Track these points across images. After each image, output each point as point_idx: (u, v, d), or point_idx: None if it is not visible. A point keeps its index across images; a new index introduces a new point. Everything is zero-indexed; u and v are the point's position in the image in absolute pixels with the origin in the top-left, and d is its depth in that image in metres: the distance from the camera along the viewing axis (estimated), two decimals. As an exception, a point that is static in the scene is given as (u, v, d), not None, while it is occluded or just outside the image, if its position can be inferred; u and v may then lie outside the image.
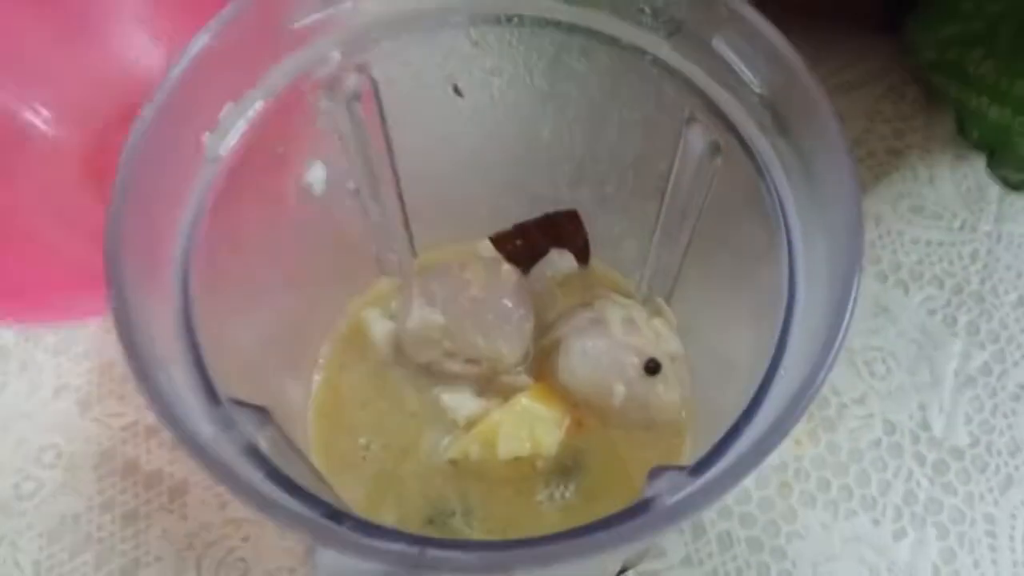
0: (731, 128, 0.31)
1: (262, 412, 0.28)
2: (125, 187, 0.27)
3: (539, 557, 0.23)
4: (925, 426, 0.46)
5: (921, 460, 0.45)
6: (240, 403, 0.28)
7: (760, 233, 0.31)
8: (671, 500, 0.25)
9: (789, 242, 0.29)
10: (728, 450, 0.26)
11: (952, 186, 0.54)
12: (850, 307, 0.25)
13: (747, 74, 0.30)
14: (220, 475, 0.23)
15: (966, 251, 0.52)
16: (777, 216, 0.30)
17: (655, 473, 0.28)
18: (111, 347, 0.47)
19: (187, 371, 0.27)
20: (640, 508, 0.25)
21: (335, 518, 0.25)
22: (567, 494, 0.40)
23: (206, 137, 0.30)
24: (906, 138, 0.56)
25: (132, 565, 0.42)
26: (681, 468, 0.27)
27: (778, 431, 0.25)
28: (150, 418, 0.45)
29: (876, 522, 0.43)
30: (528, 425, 0.40)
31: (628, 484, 0.40)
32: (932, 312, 0.50)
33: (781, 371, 0.27)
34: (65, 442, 0.45)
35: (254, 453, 0.26)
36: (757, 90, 0.30)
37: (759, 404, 0.27)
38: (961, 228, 0.53)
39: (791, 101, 0.29)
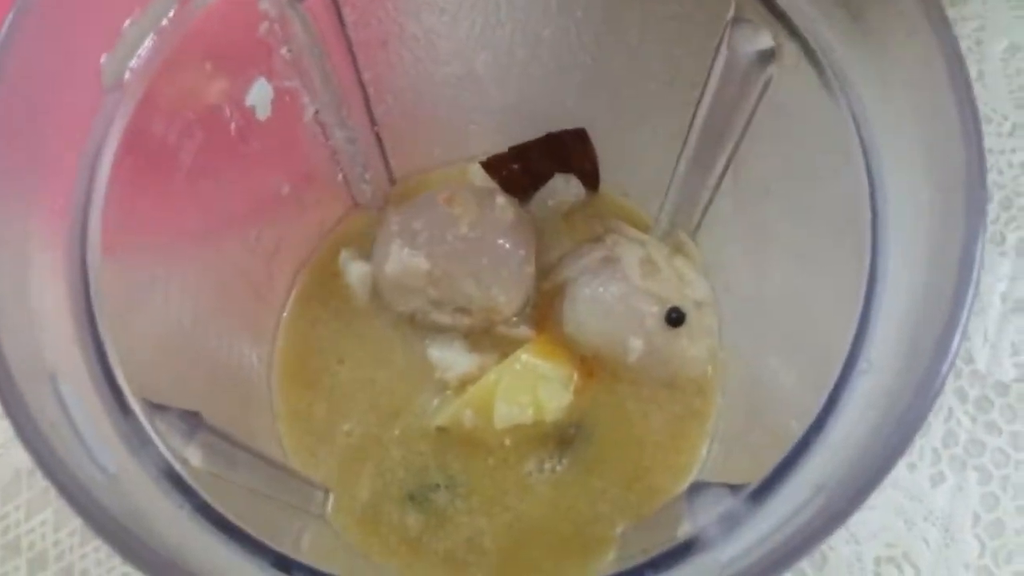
0: (791, 30, 0.24)
1: (192, 417, 0.22)
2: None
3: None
4: (968, 358, 0.40)
5: (963, 396, 0.40)
6: (160, 407, 0.21)
7: (828, 160, 0.24)
8: (726, 549, 0.19)
9: (870, 175, 0.23)
10: (792, 471, 0.20)
11: (1004, 82, 0.48)
12: (974, 280, 0.19)
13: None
14: (113, 541, 0.17)
15: (1016, 159, 0.46)
16: (853, 139, 0.23)
17: (697, 491, 0.22)
18: None
19: (85, 374, 0.20)
20: (679, 552, 0.20)
21: (282, 566, 0.19)
22: (558, 467, 0.35)
23: (104, 59, 0.22)
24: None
25: None
26: (735, 488, 0.21)
27: (876, 471, 0.19)
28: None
29: (912, 466, 0.39)
30: (530, 387, 0.34)
31: (635, 456, 0.35)
32: (977, 228, 0.44)
33: (863, 364, 0.21)
34: None
35: (176, 480, 0.20)
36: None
37: (833, 408, 0.21)
38: (1011, 134, 0.46)
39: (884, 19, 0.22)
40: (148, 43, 0.23)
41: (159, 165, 0.25)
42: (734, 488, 0.21)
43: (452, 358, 0.35)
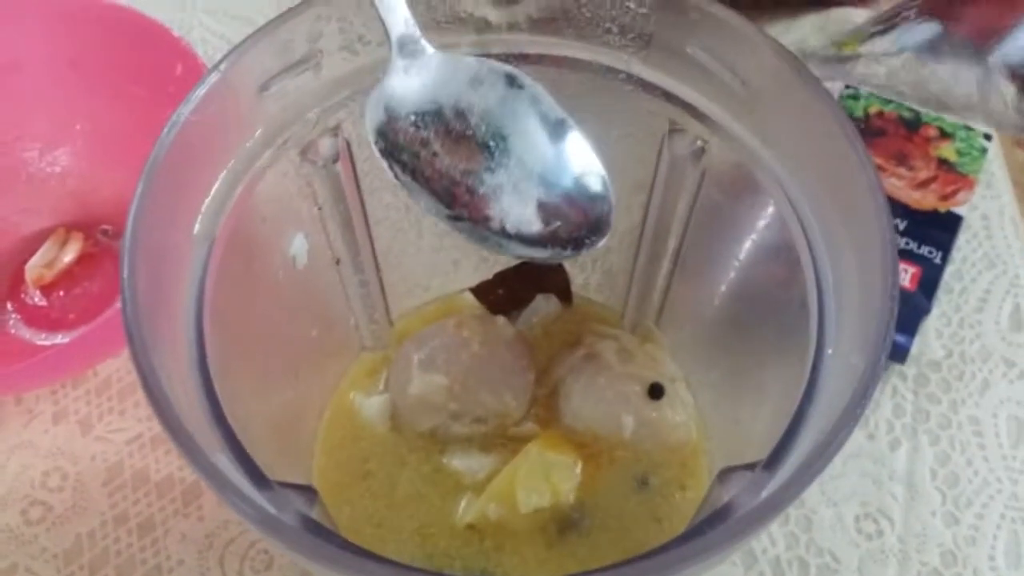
0: (718, 130, 0.31)
1: (309, 491, 0.27)
2: (132, 278, 0.25)
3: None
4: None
5: (903, 376, 0.47)
6: (284, 484, 0.26)
7: (765, 230, 0.31)
8: (755, 499, 0.24)
9: (804, 230, 0.29)
10: (795, 440, 0.26)
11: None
12: (894, 287, 0.25)
13: (727, 75, 0.30)
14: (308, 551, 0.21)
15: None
16: (783, 208, 0.30)
17: (725, 475, 0.27)
18: (106, 367, 0.47)
19: (229, 458, 0.25)
20: (723, 512, 0.25)
21: None
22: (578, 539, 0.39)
23: (197, 217, 0.28)
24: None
25: (154, 572, 0.42)
26: (751, 466, 0.26)
27: (852, 415, 0.24)
28: (155, 429, 0.45)
29: (871, 436, 0.46)
30: (544, 473, 0.39)
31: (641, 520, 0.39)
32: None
33: (828, 351, 0.27)
34: (70, 464, 0.45)
35: (319, 528, 0.24)
36: (740, 90, 0.30)
37: (814, 390, 0.27)
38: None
39: (777, 95, 0.29)
40: (228, 203, 0.29)
41: (235, 311, 0.31)
42: (751, 465, 0.26)
43: (474, 463, 0.40)
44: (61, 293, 0.49)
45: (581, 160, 0.31)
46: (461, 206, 0.31)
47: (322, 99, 0.32)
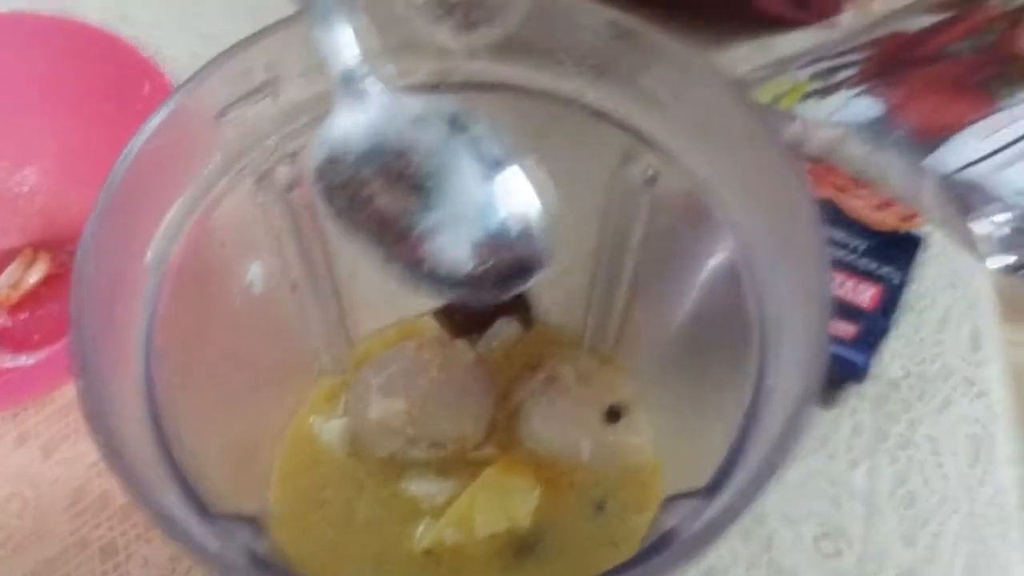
0: (669, 159, 0.32)
1: (254, 522, 0.27)
2: (81, 309, 0.25)
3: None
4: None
5: (862, 396, 0.48)
6: (232, 516, 0.26)
7: (714, 257, 0.31)
8: (695, 526, 0.25)
9: (749, 259, 0.30)
10: (736, 468, 0.26)
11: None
12: (828, 320, 0.26)
13: (677, 106, 0.31)
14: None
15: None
16: (729, 237, 0.30)
17: (669, 502, 0.27)
18: (69, 390, 0.46)
19: (175, 491, 0.25)
20: (666, 539, 0.25)
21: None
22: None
23: (150, 245, 0.28)
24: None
25: None
26: (693, 494, 0.27)
27: (787, 442, 0.25)
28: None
29: (831, 456, 0.46)
30: (501, 498, 0.39)
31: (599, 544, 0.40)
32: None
33: (768, 381, 0.27)
34: (31, 488, 0.44)
35: (263, 563, 0.24)
36: (689, 120, 0.31)
37: (754, 418, 0.27)
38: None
39: (726, 126, 0.30)
40: (182, 231, 0.30)
41: (189, 337, 0.31)
42: (692, 493, 0.27)
43: (431, 488, 0.40)
44: (25, 314, 0.49)
45: (516, 200, 0.31)
46: (396, 248, 0.31)
47: (280, 125, 0.32)
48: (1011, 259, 0.30)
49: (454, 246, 0.31)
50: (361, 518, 0.40)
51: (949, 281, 0.52)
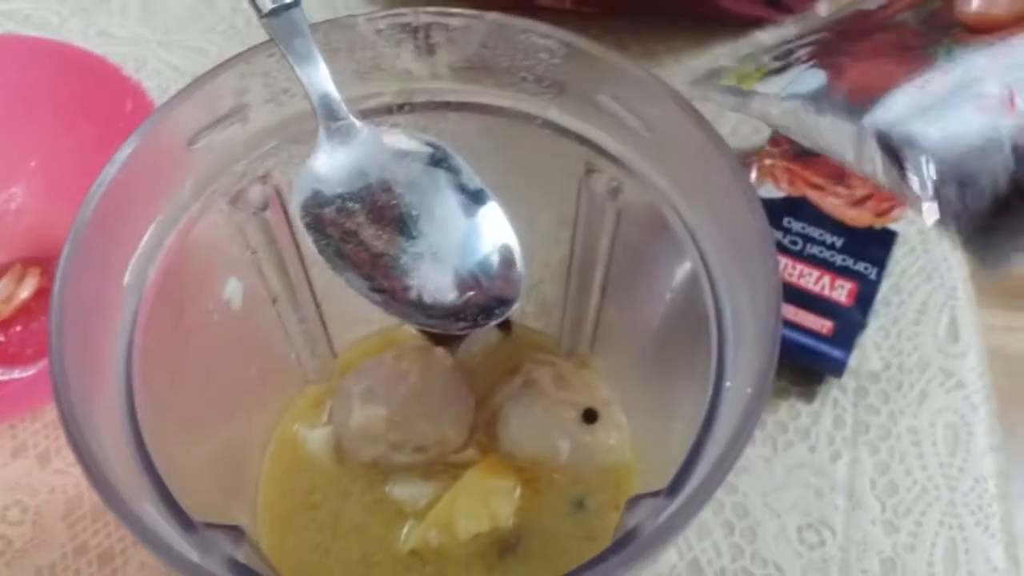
0: (629, 171, 0.33)
1: (236, 531, 0.28)
2: (60, 331, 0.26)
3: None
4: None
5: (843, 389, 0.49)
6: (211, 525, 0.27)
7: (676, 265, 0.32)
8: (654, 524, 0.26)
9: (707, 267, 0.31)
10: (695, 467, 0.27)
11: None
12: (778, 326, 0.27)
13: (634, 120, 0.32)
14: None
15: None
16: (688, 245, 0.31)
17: (633, 502, 0.29)
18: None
19: (155, 502, 0.26)
20: (628, 538, 0.26)
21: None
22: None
23: (128, 266, 0.29)
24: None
25: None
26: (656, 493, 0.28)
27: (738, 442, 0.26)
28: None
29: (812, 448, 0.47)
30: (483, 499, 0.40)
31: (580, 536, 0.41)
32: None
33: (727, 384, 0.28)
34: (29, 497, 0.45)
35: (244, 571, 0.26)
36: (645, 134, 0.32)
37: (713, 419, 0.28)
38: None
39: (678, 140, 0.31)
40: (159, 251, 0.31)
41: (166, 354, 0.32)
42: (655, 493, 0.28)
43: (415, 491, 0.41)
44: (18, 328, 0.50)
45: (495, 231, 0.32)
46: (382, 278, 0.32)
47: (250, 149, 0.33)
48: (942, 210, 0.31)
49: (439, 276, 0.32)
50: (347, 522, 0.41)
51: (926, 274, 0.53)
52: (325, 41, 0.32)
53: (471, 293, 0.32)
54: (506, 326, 0.44)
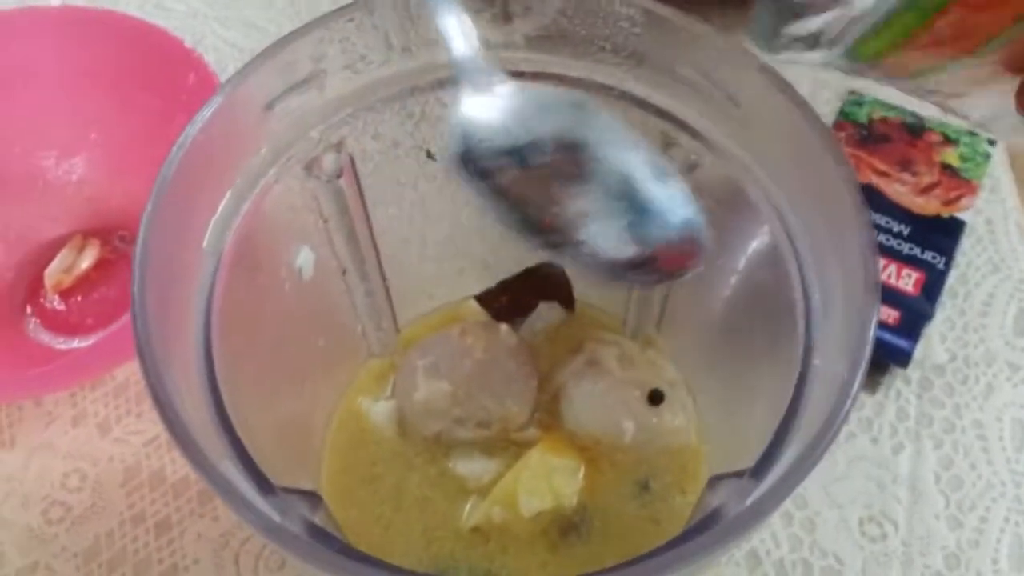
0: (710, 145, 0.32)
1: (313, 496, 0.28)
2: (142, 292, 0.26)
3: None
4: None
5: (907, 380, 0.48)
6: (289, 490, 0.27)
7: (755, 239, 0.32)
8: (741, 506, 0.25)
9: (792, 242, 0.30)
10: (782, 449, 0.27)
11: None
12: (877, 291, 0.26)
13: (716, 92, 0.31)
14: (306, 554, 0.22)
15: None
16: (772, 219, 0.31)
17: (715, 482, 0.28)
18: (124, 370, 0.48)
19: (236, 465, 0.26)
20: (711, 519, 0.26)
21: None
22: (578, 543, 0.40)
23: (207, 230, 0.29)
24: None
25: (171, 571, 0.43)
26: (739, 474, 0.27)
27: (835, 422, 0.25)
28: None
29: (874, 440, 0.46)
30: (546, 477, 0.40)
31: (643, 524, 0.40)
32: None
33: (815, 362, 0.28)
34: (89, 465, 0.46)
35: (321, 533, 0.25)
36: (728, 107, 0.31)
37: (800, 399, 0.27)
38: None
39: (766, 113, 0.30)
40: (236, 216, 0.30)
41: (242, 321, 0.32)
42: (739, 473, 0.27)
43: (478, 467, 0.41)
44: (79, 298, 0.51)
45: (670, 188, 0.32)
46: (550, 230, 0.32)
47: (326, 117, 0.33)
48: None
49: (616, 233, 0.32)
50: (410, 496, 0.41)
51: (992, 265, 0.52)
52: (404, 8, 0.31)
53: (648, 251, 0.32)
54: (569, 304, 0.44)
